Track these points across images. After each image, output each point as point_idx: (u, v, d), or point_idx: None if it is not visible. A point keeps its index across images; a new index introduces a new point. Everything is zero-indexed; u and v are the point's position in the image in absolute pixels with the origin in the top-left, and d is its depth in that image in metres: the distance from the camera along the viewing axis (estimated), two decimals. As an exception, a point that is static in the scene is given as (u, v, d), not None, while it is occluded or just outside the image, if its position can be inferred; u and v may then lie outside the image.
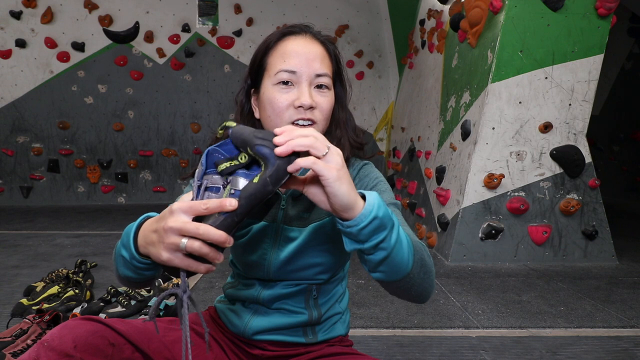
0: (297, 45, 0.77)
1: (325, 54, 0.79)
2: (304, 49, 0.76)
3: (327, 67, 0.78)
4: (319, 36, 0.80)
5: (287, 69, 0.75)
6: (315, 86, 0.76)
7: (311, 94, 0.75)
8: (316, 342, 0.88)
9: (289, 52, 0.76)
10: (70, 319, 0.74)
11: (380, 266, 0.60)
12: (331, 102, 0.79)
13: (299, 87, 0.75)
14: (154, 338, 0.78)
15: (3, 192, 4.94)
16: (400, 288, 0.65)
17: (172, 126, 5.17)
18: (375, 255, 0.58)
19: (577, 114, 2.83)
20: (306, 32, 0.79)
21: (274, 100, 0.76)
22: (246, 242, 0.85)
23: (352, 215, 0.56)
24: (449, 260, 2.82)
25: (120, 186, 5.12)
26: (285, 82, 0.75)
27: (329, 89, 0.78)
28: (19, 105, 4.90)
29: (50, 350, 0.66)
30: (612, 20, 2.73)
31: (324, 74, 0.76)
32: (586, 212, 2.88)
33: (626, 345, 1.70)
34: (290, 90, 0.76)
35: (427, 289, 0.67)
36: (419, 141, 3.99)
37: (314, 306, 0.86)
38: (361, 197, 0.58)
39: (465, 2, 3.06)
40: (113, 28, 4.89)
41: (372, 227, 0.56)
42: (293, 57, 0.75)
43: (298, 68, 0.75)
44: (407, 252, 0.60)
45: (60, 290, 1.96)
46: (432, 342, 1.70)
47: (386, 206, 0.58)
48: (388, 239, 0.57)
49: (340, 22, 5.13)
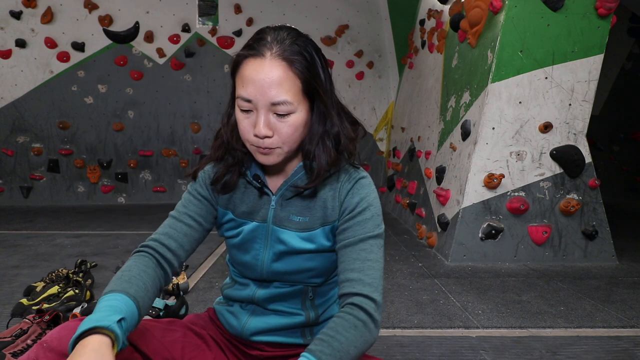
0: (254, 71, 0.73)
1: (285, 76, 0.73)
2: (259, 75, 0.72)
3: (285, 92, 0.73)
4: (284, 54, 0.73)
5: (244, 97, 0.74)
6: (273, 113, 0.74)
7: (268, 122, 0.74)
8: None
9: (246, 79, 0.74)
10: (70, 320, 0.74)
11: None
12: (294, 124, 0.75)
13: (257, 115, 0.75)
14: (153, 339, 0.78)
15: (3, 192, 4.94)
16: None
17: (172, 126, 5.17)
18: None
19: (577, 114, 2.83)
20: (265, 54, 0.73)
21: (239, 124, 0.78)
22: (239, 242, 0.86)
23: None
24: (449, 260, 2.82)
25: (120, 186, 5.12)
26: (245, 110, 0.75)
27: (290, 113, 0.74)
28: (19, 105, 4.90)
29: (49, 350, 0.66)
30: (612, 20, 2.73)
31: (280, 102, 0.73)
32: (586, 212, 2.88)
33: (626, 345, 1.70)
34: (250, 117, 0.76)
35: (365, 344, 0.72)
36: (419, 141, 3.99)
37: (310, 307, 0.87)
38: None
39: (465, 2, 3.06)
40: (113, 28, 4.89)
41: None
42: (249, 85, 0.73)
43: (253, 97, 0.73)
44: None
45: (60, 290, 1.96)
46: (432, 342, 1.70)
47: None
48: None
49: (340, 22, 5.13)
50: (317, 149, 0.80)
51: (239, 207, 0.86)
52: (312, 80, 0.76)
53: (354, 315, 0.70)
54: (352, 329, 0.69)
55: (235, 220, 0.86)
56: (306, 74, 0.75)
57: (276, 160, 0.78)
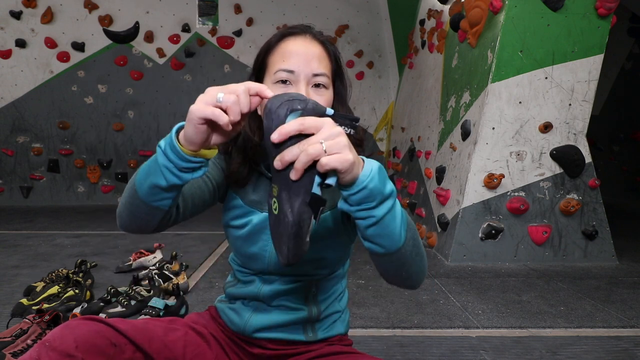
0: (296, 45, 0.78)
1: (324, 54, 0.80)
2: (302, 49, 0.78)
3: (324, 67, 0.79)
4: (318, 37, 0.82)
5: (286, 69, 0.76)
6: (312, 85, 0.78)
7: (308, 92, 0.77)
8: (316, 340, 0.88)
9: (288, 52, 0.78)
10: (72, 319, 0.74)
11: (369, 231, 0.60)
12: (328, 100, 0.79)
13: (297, 86, 0.77)
14: (155, 338, 0.78)
15: (3, 192, 4.94)
16: (391, 264, 0.65)
17: (172, 126, 5.10)
18: (364, 220, 0.59)
19: (577, 114, 2.83)
20: (306, 33, 0.81)
21: None
22: (246, 234, 0.85)
23: (345, 180, 0.56)
24: (449, 260, 2.82)
25: (120, 186, 5.12)
26: (284, 81, 0.77)
27: (326, 88, 0.79)
28: (19, 105, 4.90)
29: (51, 350, 0.66)
30: (612, 20, 2.73)
31: (321, 74, 0.77)
32: (586, 212, 2.88)
33: (626, 345, 1.70)
34: (288, 89, 0.77)
35: (419, 273, 0.68)
36: (419, 141, 3.99)
37: (313, 303, 0.87)
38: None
39: (465, 2, 3.06)
40: (113, 28, 4.89)
41: (360, 196, 0.57)
42: (292, 57, 0.77)
43: (296, 67, 0.76)
44: (400, 226, 0.61)
45: (60, 290, 1.96)
46: (432, 342, 1.70)
47: (385, 177, 0.59)
48: (377, 209, 0.58)
49: (340, 22, 5.13)
50: None
51: (249, 194, 0.86)
52: (339, 66, 0.84)
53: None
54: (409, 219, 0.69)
55: (243, 207, 0.85)
56: (337, 58, 0.83)
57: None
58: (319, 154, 0.52)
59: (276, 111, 0.55)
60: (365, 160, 0.59)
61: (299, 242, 0.56)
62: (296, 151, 0.53)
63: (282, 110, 0.55)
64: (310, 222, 0.56)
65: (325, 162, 0.52)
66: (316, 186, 0.55)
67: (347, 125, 0.58)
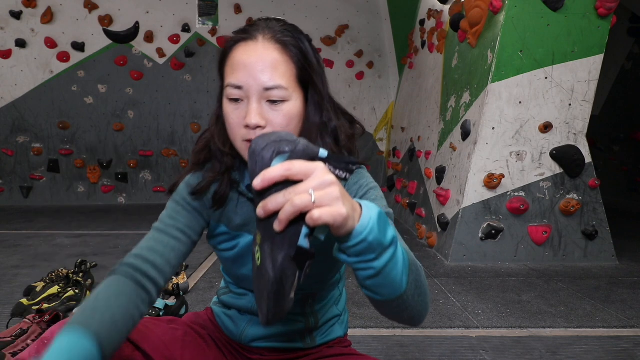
0: (245, 54, 0.68)
1: (280, 59, 0.68)
2: (251, 59, 0.67)
3: (280, 77, 0.67)
4: (276, 36, 0.69)
5: (234, 84, 0.68)
6: (267, 101, 0.68)
7: (260, 111, 0.67)
8: (314, 346, 0.87)
9: (237, 65, 0.68)
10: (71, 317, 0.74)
11: (368, 282, 0.54)
12: (289, 114, 0.69)
13: (249, 103, 0.68)
14: (153, 337, 0.78)
15: (3, 192, 4.94)
16: (391, 309, 0.59)
17: (172, 126, 5.17)
18: (362, 272, 0.53)
19: (577, 114, 2.83)
20: (258, 37, 0.69)
21: (227, 117, 0.71)
22: (235, 256, 0.82)
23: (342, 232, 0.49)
24: (449, 260, 2.82)
25: (120, 186, 5.12)
26: (234, 99, 0.69)
27: (285, 101, 0.68)
28: (19, 105, 4.90)
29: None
30: (612, 20, 2.73)
31: (274, 87, 0.67)
32: (586, 212, 2.88)
33: (626, 345, 1.70)
34: (240, 107, 0.69)
35: (421, 312, 0.62)
36: (419, 141, 3.98)
37: (310, 313, 0.85)
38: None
39: (465, 2, 3.06)
40: (113, 28, 4.88)
41: (358, 250, 0.50)
42: (240, 70, 0.68)
43: (244, 82, 0.67)
44: (402, 273, 0.55)
45: (60, 290, 1.96)
46: (432, 342, 1.70)
47: (386, 224, 0.52)
48: (377, 260, 0.52)
49: (340, 22, 5.13)
50: (316, 144, 0.72)
51: (233, 219, 0.80)
52: (306, 66, 0.71)
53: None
54: (410, 254, 0.62)
55: (230, 233, 0.81)
56: (301, 59, 0.70)
57: None
58: (307, 206, 0.46)
59: (260, 153, 0.49)
60: (363, 206, 0.51)
61: (280, 302, 0.50)
62: (281, 200, 0.47)
63: (267, 153, 0.49)
64: (295, 279, 0.49)
65: (316, 216, 0.45)
66: (303, 238, 0.48)
67: (342, 169, 0.51)
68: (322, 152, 0.51)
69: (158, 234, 0.76)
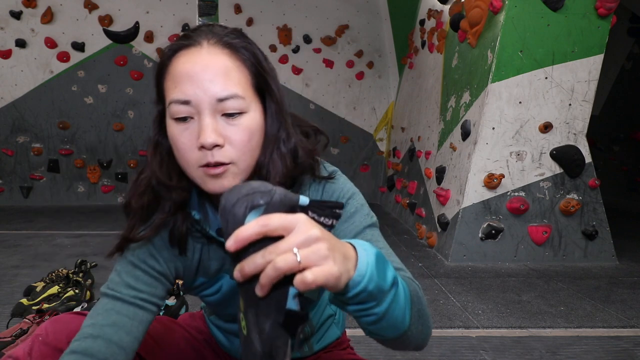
0: (189, 63, 0.58)
1: (231, 65, 0.59)
2: (196, 67, 0.57)
3: (235, 84, 0.58)
4: (223, 39, 0.60)
5: (179, 99, 0.57)
6: (222, 114, 0.58)
7: (216, 126, 0.57)
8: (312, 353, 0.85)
9: (180, 75, 0.58)
10: (65, 313, 0.74)
11: (371, 327, 0.51)
12: (248, 129, 0.59)
13: (199, 121, 0.57)
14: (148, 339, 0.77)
15: (3, 192, 4.94)
16: (397, 345, 0.57)
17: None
18: (364, 318, 0.49)
19: (577, 114, 2.83)
20: (202, 42, 0.59)
21: (175, 140, 0.60)
22: (219, 299, 0.75)
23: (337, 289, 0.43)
24: (449, 260, 2.82)
25: (120, 186, 5.12)
26: (182, 118, 0.58)
27: (243, 112, 0.59)
28: (19, 105, 4.90)
29: (44, 344, 0.65)
30: (612, 20, 2.73)
31: (228, 97, 0.57)
32: (586, 212, 2.88)
33: (626, 345, 1.70)
34: (189, 126, 0.58)
35: (426, 338, 0.59)
36: (419, 141, 3.98)
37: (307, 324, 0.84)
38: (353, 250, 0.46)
39: (465, 2, 3.06)
40: (113, 28, 4.88)
41: (359, 299, 0.46)
42: (184, 82, 0.57)
43: (191, 96, 0.57)
44: (404, 310, 0.51)
45: (60, 290, 1.96)
46: (432, 342, 1.70)
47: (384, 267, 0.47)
48: (379, 306, 0.47)
49: (340, 22, 5.13)
50: (271, 159, 0.63)
51: (209, 267, 0.71)
52: (261, 71, 0.62)
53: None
54: (407, 279, 0.58)
55: (209, 281, 0.73)
56: (254, 63, 0.61)
57: (232, 184, 0.59)
58: (292, 267, 0.39)
59: (232, 210, 0.43)
60: (358, 251, 0.45)
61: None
62: (260, 262, 0.40)
63: (239, 209, 0.42)
64: (287, 347, 0.42)
65: (309, 280, 0.38)
66: (292, 299, 0.42)
67: (327, 215, 0.45)
68: (303, 200, 0.45)
69: (118, 303, 0.63)
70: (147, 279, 0.66)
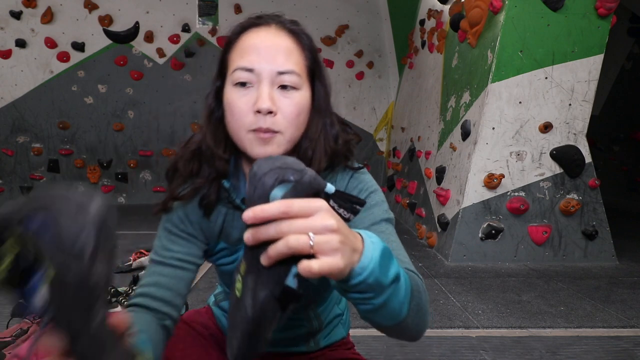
0: (258, 38, 0.66)
1: (294, 47, 0.67)
2: (265, 43, 0.65)
3: (294, 63, 0.65)
4: (288, 26, 0.69)
5: (244, 67, 0.64)
6: (278, 86, 0.64)
7: (272, 95, 0.63)
8: (318, 349, 0.86)
9: (248, 48, 0.65)
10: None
11: (368, 314, 0.52)
12: (299, 104, 0.65)
13: (258, 88, 0.64)
14: None
15: (3, 192, 4.94)
16: (391, 332, 0.58)
17: (172, 126, 5.17)
18: (361, 306, 0.51)
19: (577, 114, 2.83)
20: (271, 23, 0.68)
21: (232, 104, 0.65)
22: (233, 271, 0.78)
23: (338, 279, 0.46)
24: (449, 260, 2.82)
25: (120, 186, 5.12)
26: (243, 83, 0.64)
27: (296, 89, 0.65)
28: (19, 105, 4.90)
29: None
30: (612, 20, 2.73)
31: (288, 71, 0.64)
32: (586, 212, 2.88)
33: (626, 345, 1.70)
34: (248, 92, 0.64)
35: (421, 331, 0.60)
36: (419, 141, 3.98)
37: (314, 317, 0.85)
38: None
39: (465, 2, 3.06)
40: (113, 28, 4.88)
41: (358, 289, 0.47)
42: (251, 53, 0.64)
43: (256, 65, 0.63)
44: (402, 303, 0.52)
45: (60, 290, 1.96)
46: (432, 342, 1.70)
47: (388, 262, 0.49)
48: (376, 298, 0.49)
49: (340, 22, 5.13)
50: (317, 139, 0.69)
51: (231, 234, 0.75)
52: (316, 58, 0.69)
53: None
54: (410, 272, 0.61)
55: (229, 247, 0.76)
56: (311, 51, 0.69)
57: (275, 152, 0.65)
58: (303, 249, 0.41)
59: (262, 178, 0.44)
60: (366, 243, 0.47)
61: (253, 343, 0.45)
62: (273, 233, 0.42)
63: (269, 179, 0.44)
64: (275, 320, 0.44)
65: (315, 269, 0.41)
66: (292, 278, 0.43)
67: (347, 208, 0.46)
68: (329, 187, 0.46)
69: (159, 267, 0.71)
70: (181, 241, 0.72)
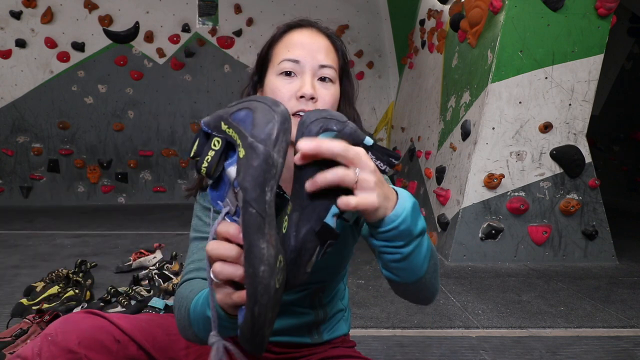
0: (302, 36, 0.76)
1: (331, 47, 0.78)
2: (308, 40, 0.76)
3: (331, 60, 0.76)
4: (325, 30, 0.80)
5: (291, 59, 0.74)
6: (318, 78, 0.75)
7: (314, 84, 0.73)
8: (321, 342, 0.87)
9: (294, 43, 0.76)
10: (75, 312, 0.73)
11: (392, 264, 0.57)
12: (335, 95, 0.76)
13: (302, 78, 0.73)
14: (157, 337, 0.78)
15: (3, 192, 4.94)
16: (408, 291, 0.63)
17: (172, 126, 5.17)
18: (389, 255, 0.55)
19: (577, 114, 2.83)
20: (312, 26, 0.79)
21: (277, 90, 0.74)
22: None
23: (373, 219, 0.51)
24: (449, 260, 2.82)
25: (120, 186, 5.12)
26: (288, 73, 0.74)
27: (332, 82, 0.76)
28: (19, 105, 4.90)
29: (53, 344, 0.65)
30: (612, 20, 2.73)
31: (328, 66, 0.75)
32: (586, 212, 2.88)
33: (626, 345, 1.70)
34: (293, 81, 0.74)
35: (435, 292, 0.67)
36: (419, 141, 3.99)
37: (319, 306, 0.86)
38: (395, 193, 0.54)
39: (465, 2, 3.06)
40: (113, 28, 4.89)
41: (388, 236, 0.52)
42: (297, 48, 0.75)
43: (302, 58, 0.74)
44: (424, 259, 0.58)
45: (60, 290, 1.96)
46: (432, 342, 1.70)
47: (418, 215, 0.54)
48: (405, 247, 0.54)
49: (340, 22, 5.13)
50: None
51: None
52: (345, 60, 0.81)
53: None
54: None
55: None
56: (343, 53, 0.80)
57: None
58: (348, 181, 0.47)
59: (309, 126, 0.50)
60: (399, 195, 0.53)
61: (293, 271, 0.50)
62: (329, 154, 0.47)
63: (314, 127, 0.50)
64: (314, 254, 0.49)
65: (352, 204, 0.46)
66: (331, 217, 0.49)
67: (383, 161, 0.52)
68: (368, 140, 0.51)
69: (203, 242, 0.75)
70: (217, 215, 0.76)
